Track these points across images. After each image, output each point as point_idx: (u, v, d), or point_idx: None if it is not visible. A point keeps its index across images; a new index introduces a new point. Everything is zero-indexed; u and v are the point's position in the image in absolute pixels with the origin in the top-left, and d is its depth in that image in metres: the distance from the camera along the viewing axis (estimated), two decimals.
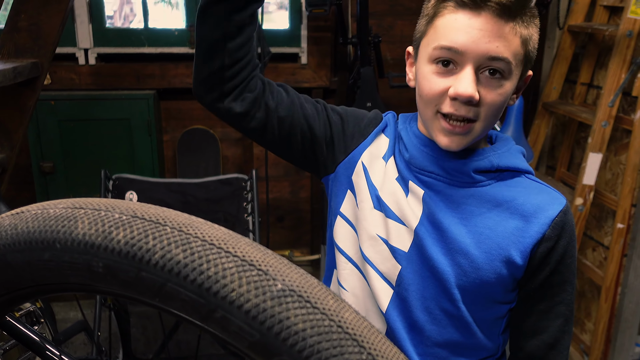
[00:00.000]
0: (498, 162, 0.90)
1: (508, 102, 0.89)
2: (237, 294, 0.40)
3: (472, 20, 0.81)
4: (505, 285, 0.90)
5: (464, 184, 0.91)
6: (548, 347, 0.92)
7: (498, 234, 0.88)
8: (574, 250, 0.90)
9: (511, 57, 0.82)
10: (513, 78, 0.85)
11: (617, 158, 2.28)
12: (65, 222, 0.46)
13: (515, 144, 0.98)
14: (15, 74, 1.62)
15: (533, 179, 0.94)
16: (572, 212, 2.06)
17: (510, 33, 0.82)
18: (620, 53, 2.04)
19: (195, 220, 0.45)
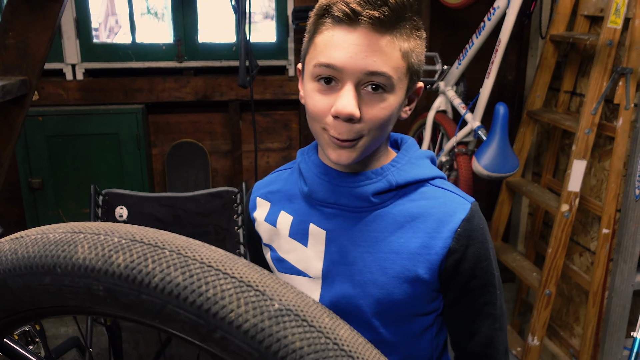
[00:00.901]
0: (397, 179, 0.89)
1: (400, 115, 0.89)
2: (235, 314, 0.42)
3: (349, 36, 0.80)
4: (422, 300, 0.92)
5: (366, 209, 0.90)
6: (483, 346, 0.94)
7: (403, 256, 0.88)
8: (487, 252, 0.90)
9: (391, 71, 0.81)
10: (397, 91, 0.84)
11: (601, 164, 2.32)
12: (66, 247, 0.47)
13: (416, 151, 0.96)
14: (4, 92, 1.62)
15: (438, 185, 0.92)
16: (559, 219, 2.08)
17: (389, 46, 0.80)
18: (602, 62, 2.08)
19: (193, 242, 0.47)
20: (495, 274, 0.91)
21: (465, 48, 2.37)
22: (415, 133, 2.73)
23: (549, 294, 2.28)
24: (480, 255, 0.88)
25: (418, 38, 0.85)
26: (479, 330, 0.93)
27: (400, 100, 0.85)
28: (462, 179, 2.33)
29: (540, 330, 2.31)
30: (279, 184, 1.01)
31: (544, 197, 2.41)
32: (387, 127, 0.86)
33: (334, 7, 0.81)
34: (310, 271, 0.94)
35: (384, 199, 0.90)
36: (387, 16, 0.79)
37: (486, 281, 0.90)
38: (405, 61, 0.83)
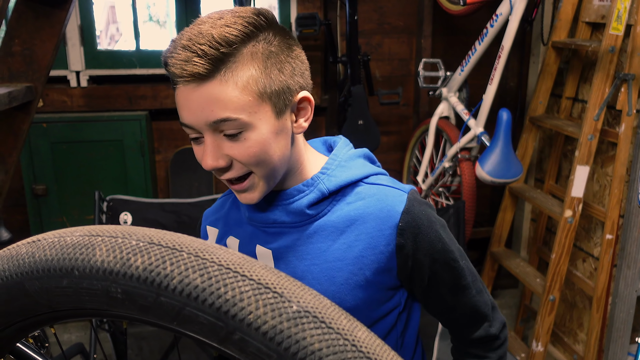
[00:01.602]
0: (327, 186, 0.88)
1: (293, 132, 0.87)
2: (254, 316, 0.42)
3: (185, 94, 0.80)
4: (376, 302, 0.91)
5: (305, 222, 0.89)
6: (469, 316, 0.95)
7: (348, 262, 0.87)
8: (438, 233, 0.88)
9: (234, 113, 0.79)
10: (258, 124, 0.81)
11: (604, 170, 2.32)
12: (83, 250, 0.48)
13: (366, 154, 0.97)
14: (10, 99, 1.63)
15: (372, 182, 0.91)
16: (562, 224, 2.08)
17: (220, 90, 0.78)
18: (604, 68, 2.09)
19: (211, 245, 0.47)
20: (453, 249, 0.90)
21: (468, 54, 2.38)
22: (418, 139, 2.74)
23: (553, 299, 2.28)
24: (432, 239, 0.88)
25: (264, 58, 0.81)
26: (459, 304, 0.94)
27: (270, 128, 0.82)
28: (465, 185, 2.33)
29: (544, 336, 2.31)
30: (224, 210, 1.02)
31: (547, 203, 2.42)
32: (269, 156, 0.83)
33: (165, 67, 0.81)
34: None
35: (321, 209, 0.89)
36: (202, 63, 0.77)
37: (448, 259, 0.90)
38: (249, 93, 0.79)
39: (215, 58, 0.77)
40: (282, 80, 0.83)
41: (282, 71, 0.83)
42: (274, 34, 0.83)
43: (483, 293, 0.96)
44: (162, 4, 5.96)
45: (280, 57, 0.83)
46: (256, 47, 0.80)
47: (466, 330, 0.97)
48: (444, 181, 2.57)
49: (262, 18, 0.82)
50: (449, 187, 2.60)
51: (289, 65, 0.84)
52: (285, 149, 0.86)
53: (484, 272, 2.77)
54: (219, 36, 0.77)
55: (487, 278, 2.77)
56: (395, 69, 2.84)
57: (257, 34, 0.81)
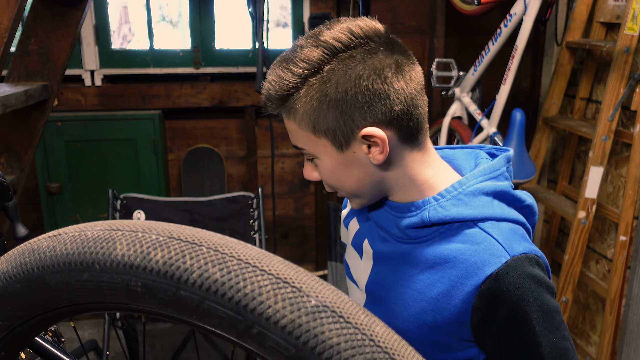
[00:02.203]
0: (430, 216, 0.83)
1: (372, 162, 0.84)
2: (273, 310, 0.43)
3: None
4: (444, 348, 0.85)
5: (406, 240, 0.87)
6: None
7: (425, 298, 0.84)
8: (527, 315, 0.77)
9: (300, 143, 0.86)
10: (320, 155, 0.85)
11: (618, 171, 2.30)
12: (104, 244, 0.48)
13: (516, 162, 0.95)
14: (27, 97, 1.65)
15: (485, 229, 0.82)
16: (576, 225, 2.06)
17: (290, 123, 0.85)
18: (619, 68, 2.08)
19: (230, 240, 0.48)
20: (541, 342, 0.78)
21: (481, 54, 2.37)
22: (431, 139, 2.73)
23: (566, 301, 2.26)
24: (514, 318, 0.77)
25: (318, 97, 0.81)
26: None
27: (333, 160, 0.85)
28: None
29: None
30: None
31: (561, 204, 2.40)
32: (344, 183, 0.88)
33: None
34: (360, 283, 0.97)
35: (421, 234, 0.85)
36: (271, 106, 0.84)
37: (528, 347, 0.78)
38: (304, 128, 0.83)
39: (278, 100, 0.83)
40: (337, 119, 0.81)
41: (339, 111, 0.81)
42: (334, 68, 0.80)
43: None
44: (175, 4, 5.99)
45: (337, 95, 0.80)
46: (306, 94, 0.81)
47: None
48: None
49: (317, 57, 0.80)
50: None
51: (347, 104, 0.80)
52: (363, 177, 0.86)
53: None
54: (280, 83, 0.82)
55: None
56: None
57: (321, 69, 0.80)
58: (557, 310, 0.80)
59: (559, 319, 0.80)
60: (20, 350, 0.61)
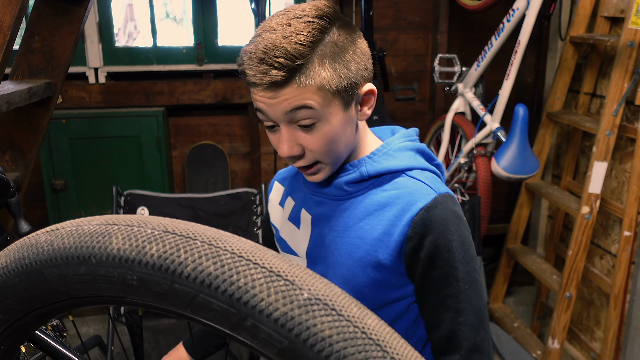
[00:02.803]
0: (367, 170, 0.96)
1: (357, 120, 0.95)
2: (266, 303, 0.43)
3: (262, 93, 0.87)
4: (387, 286, 0.96)
5: (343, 197, 0.98)
6: (446, 340, 0.93)
7: (367, 242, 0.94)
8: (450, 243, 0.90)
9: (310, 102, 0.86)
10: (330, 117, 0.89)
11: (622, 166, 2.30)
12: (100, 238, 0.49)
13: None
14: (30, 95, 1.66)
15: (413, 175, 0.96)
16: (579, 221, 2.06)
17: (297, 89, 0.86)
18: (622, 63, 2.07)
19: (224, 234, 0.48)
20: (458, 267, 0.91)
21: (484, 50, 2.37)
22: (434, 135, 2.73)
23: (570, 296, 2.26)
24: (439, 245, 0.90)
25: (336, 59, 0.87)
26: (442, 322, 0.93)
27: (339, 119, 0.90)
28: (481, 181, 2.32)
29: (560, 333, 2.29)
30: (292, 173, 1.14)
31: (564, 199, 2.40)
32: (336, 144, 0.92)
33: (240, 74, 0.89)
34: (299, 251, 1.05)
35: (359, 188, 0.97)
36: (281, 75, 0.84)
37: (448, 273, 0.91)
38: (322, 92, 0.87)
39: (291, 69, 0.84)
40: (350, 76, 0.89)
41: (349, 68, 0.89)
42: (338, 30, 0.88)
43: (473, 328, 0.92)
44: (179, 2, 6.00)
45: (346, 55, 0.89)
46: (324, 50, 0.86)
47: (437, 351, 0.96)
48: (459, 177, 2.56)
49: (326, 19, 0.87)
50: (465, 183, 2.59)
51: (354, 61, 0.89)
52: (351, 137, 0.95)
53: (499, 268, 2.75)
54: (293, 49, 0.84)
55: (502, 275, 2.76)
56: (411, 64, 2.83)
57: (324, 37, 0.87)
58: (472, 246, 0.94)
59: (472, 253, 0.94)
60: (21, 343, 0.62)
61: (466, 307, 0.92)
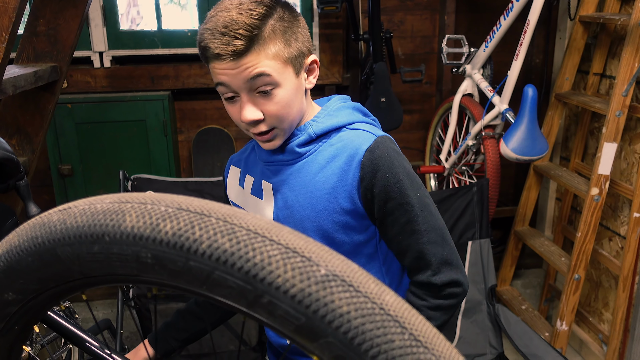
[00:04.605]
0: (314, 130, 1.08)
1: (305, 88, 1.07)
2: (283, 279, 0.42)
3: (223, 65, 0.98)
4: (352, 229, 1.07)
5: (296, 160, 1.09)
6: (417, 260, 1.06)
7: (326, 191, 1.06)
8: (397, 175, 1.02)
9: (267, 69, 0.98)
10: (285, 82, 1.01)
11: (632, 147, 2.28)
12: (114, 216, 0.48)
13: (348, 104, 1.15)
14: (36, 78, 1.65)
15: (353, 128, 1.08)
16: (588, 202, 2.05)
17: (256, 57, 0.97)
18: (633, 42, 2.04)
19: (239, 211, 0.47)
20: (409, 194, 1.03)
21: (493, 30, 2.34)
22: (441, 117, 2.71)
23: (578, 278, 2.25)
24: (388, 179, 1.02)
25: (285, 31, 1.00)
26: (409, 247, 1.06)
27: (292, 85, 1.02)
28: (489, 163, 2.31)
29: (568, 315, 2.29)
30: (246, 153, 1.24)
31: (573, 181, 2.38)
32: (291, 109, 1.03)
33: (203, 50, 0.99)
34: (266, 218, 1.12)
35: (309, 149, 1.09)
36: (242, 44, 0.96)
37: (402, 201, 1.03)
38: (277, 59, 0.99)
39: (250, 38, 0.96)
40: (298, 47, 1.02)
41: (297, 40, 1.02)
42: (282, 9, 1.01)
43: (437, 245, 1.05)
44: None
45: (293, 28, 1.02)
46: (274, 25, 0.99)
47: (412, 272, 1.09)
48: (467, 159, 2.54)
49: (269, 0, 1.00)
50: (473, 165, 2.58)
51: (299, 34, 1.03)
52: (301, 103, 1.07)
53: (507, 251, 2.75)
54: (250, 22, 0.96)
55: (511, 257, 2.75)
56: (418, 46, 2.80)
57: (273, 13, 0.99)
58: (416, 175, 1.07)
59: (418, 181, 1.06)
60: (34, 323, 0.62)
61: (426, 228, 1.04)
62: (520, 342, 1.86)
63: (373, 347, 0.41)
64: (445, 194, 2.16)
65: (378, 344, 0.41)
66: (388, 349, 0.41)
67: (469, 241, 2.13)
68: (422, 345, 0.42)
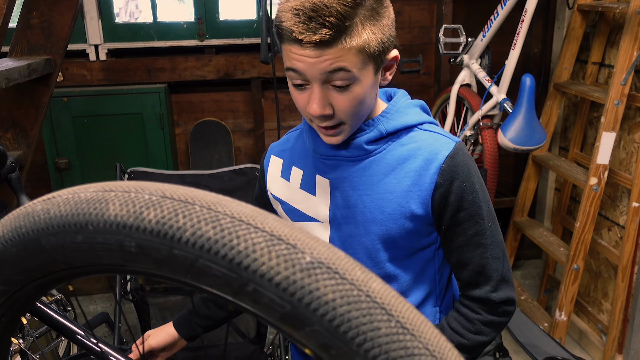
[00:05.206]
0: (386, 127, 1.00)
1: (380, 83, 0.98)
2: (267, 267, 0.42)
3: (302, 51, 0.88)
4: (418, 234, 1.02)
5: (362, 157, 1.01)
6: (477, 274, 1.01)
7: (397, 195, 0.99)
8: (472, 185, 0.98)
9: (349, 65, 0.88)
10: (363, 79, 0.92)
11: (631, 137, 2.26)
12: (97, 205, 0.48)
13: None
14: (30, 71, 1.64)
15: (425, 129, 1.02)
16: (587, 192, 2.04)
17: (340, 51, 0.87)
18: (632, 31, 2.02)
19: (223, 198, 0.47)
20: (482, 206, 0.99)
21: (490, 19, 2.32)
22: (439, 108, 2.70)
23: (577, 268, 2.25)
24: (465, 188, 0.97)
25: (374, 24, 0.89)
26: (472, 260, 1.01)
27: (369, 81, 0.94)
28: (487, 153, 2.30)
29: (567, 305, 2.29)
30: (290, 143, 1.14)
31: (572, 171, 2.37)
32: (363, 106, 0.95)
33: (282, 30, 0.88)
34: (319, 216, 1.06)
35: (378, 146, 1.01)
36: (330, 34, 0.85)
37: (474, 212, 0.99)
38: (362, 54, 0.89)
39: (339, 29, 0.85)
40: (385, 41, 0.92)
41: (384, 33, 0.92)
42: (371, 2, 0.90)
43: (499, 261, 1.01)
44: None
45: (382, 21, 0.91)
46: (365, 13, 0.88)
47: (470, 287, 1.04)
48: None
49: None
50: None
51: (387, 27, 0.92)
52: (373, 99, 0.99)
53: (506, 242, 2.74)
54: (342, 9, 0.85)
55: (510, 248, 2.75)
56: (416, 37, 2.79)
57: (365, 1, 0.88)
58: (485, 185, 1.02)
59: (488, 194, 1.02)
60: (22, 315, 0.61)
61: (492, 242, 1.00)
62: (519, 332, 1.86)
63: (359, 334, 0.40)
64: None
65: (364, 332, 0.40)
66: (374, 336, 0.41)
67: None
68: (409, 332, 0.41)
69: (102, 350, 0.68)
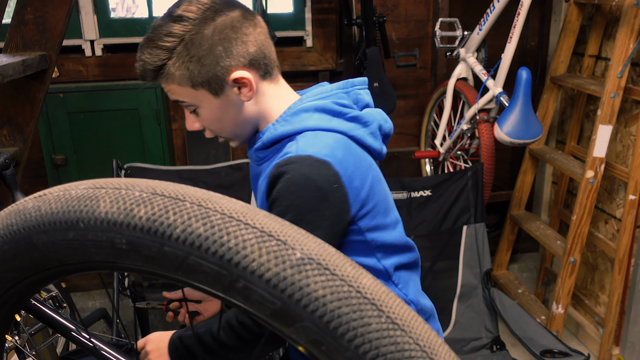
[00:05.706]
0: (265, 139, 1.05)
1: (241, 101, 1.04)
2: (257, 263, 0.42)
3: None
4: None
5: (259, 163, 1.10)
6: None
7: (262, 199, 1.05)
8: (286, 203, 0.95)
9: (182, 98, 1.03)
10: (201, 104, 1.03)
11: (628, 129, 2.27)
12: (88, 202, 0.48)
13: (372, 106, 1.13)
14: (25, 67, 1.64)
15: (297, 139, 1.01)
16: (584, 185, 2.04)
17: (168, 86, 1.03)
18: (628, 23, 2.02)
19: (214, 195, 0.47)
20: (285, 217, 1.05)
21: (486, 13, 2.32)
22: (436, 102, 2.70)
23: (574, 261, 2.25)
24: (276, 198, 0.97)
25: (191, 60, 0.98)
26: None
27: (214, 105, 1.03)
28: (484, 147, 2.30)
29: (564, 298, 2.29)
30: None
31: (569, 164, 2.37)
32: (223, 123, 1.06)
33: None
34: None
35: (265, 154, 1.07)
36: (150, 76, 1.01)
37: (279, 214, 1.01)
38: (186, 87, 1.01)
39: (155, 74, 1.01)
40: (207, 71, 0.99)
41: (205, 65, 0.99)
42: (194, 33, 0.98)
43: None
44: None
45: (202, 53, 0.98)
46: (180, 53, 0.98)
47: None
48: (462, 144, 2.53)
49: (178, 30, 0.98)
50: (468, 149, 2.57)
51: (210, 57, 0.99)
52: (237, 116, 1.05)
53: (503, 235, 2.75)
54: (150, 60, 1.00)
55: (506, 242, 2.75)
56: (412, 30, 2.78)
57: (176, 47, 0.98)
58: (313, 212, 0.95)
59: (310, 219, 0.95)
60: (15, 312, 0.61)
61: None
62: (516, 325, 1.86)
63: (349, 330, 0.40)
64: (440, 179, 2.15)
65: (354, 327, 0.41)
66: (365, 332, 0.41)
67: (463, 225, 2.12)
68: (399, 328, 0.41)
69: (95, 345, 0.68)
